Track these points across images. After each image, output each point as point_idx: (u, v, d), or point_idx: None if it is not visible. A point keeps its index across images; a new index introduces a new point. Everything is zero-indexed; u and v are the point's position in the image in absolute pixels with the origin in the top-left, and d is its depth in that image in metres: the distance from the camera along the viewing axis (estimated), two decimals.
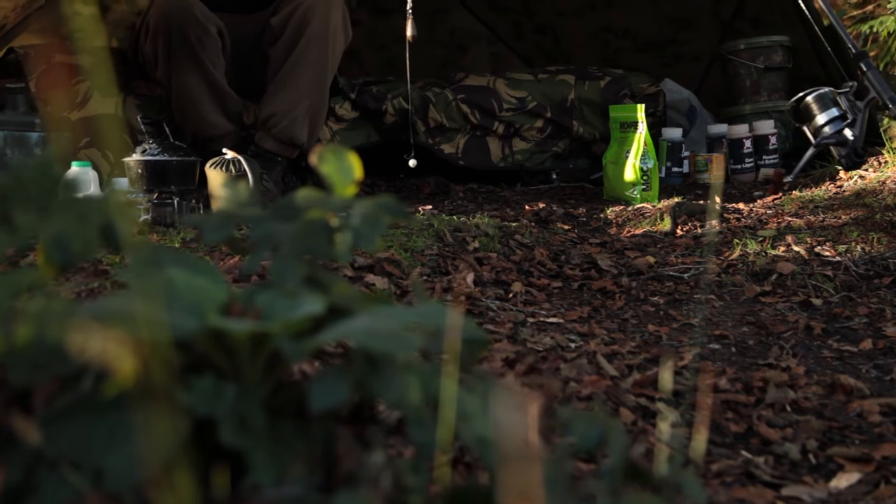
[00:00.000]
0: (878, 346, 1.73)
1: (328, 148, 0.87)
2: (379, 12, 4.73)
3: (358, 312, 0.72)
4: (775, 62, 3.70)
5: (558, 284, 2.08)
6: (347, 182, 0.86)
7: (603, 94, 3.57)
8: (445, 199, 3.26)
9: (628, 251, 2.33)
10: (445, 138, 3.49)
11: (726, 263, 2.20)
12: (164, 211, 2.34)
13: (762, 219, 2.61)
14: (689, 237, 2.47)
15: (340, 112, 3.36)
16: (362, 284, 1.87)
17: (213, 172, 2.51)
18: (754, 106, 3.69)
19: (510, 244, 2.28)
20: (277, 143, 2.90)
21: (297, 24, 2.86)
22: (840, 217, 2.53)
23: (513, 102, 3.53)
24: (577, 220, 2.74)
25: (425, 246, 2.14)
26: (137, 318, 0.55)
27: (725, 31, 4.11)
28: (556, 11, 4.60)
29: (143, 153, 2.42)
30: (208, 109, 2.88)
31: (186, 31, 2.78)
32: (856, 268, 2.10)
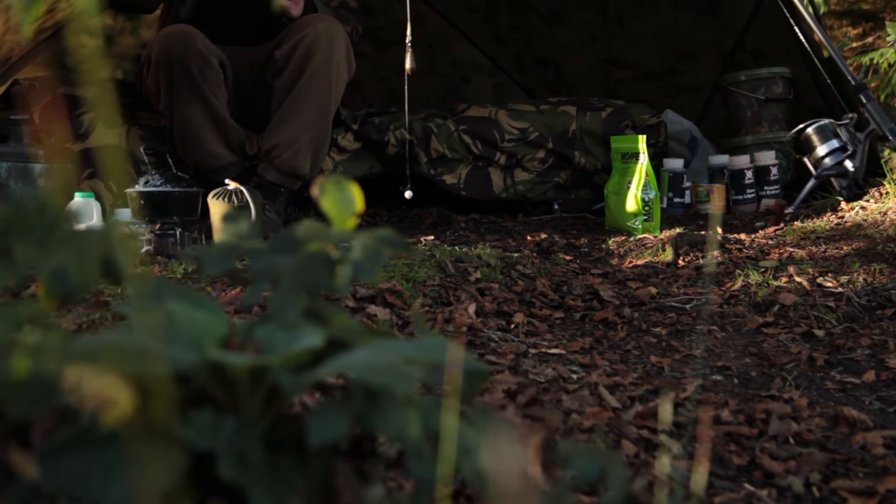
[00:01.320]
0: (881, 378, 1.72)
1: (329, 180, 0.87)
2: (381, 44, 4.77)
3: (358, 345, 0.72)
4: (776, 94, 3.71)
5: (560, 315, 2.08)
6: (348, 214, 0.87)
7: (604, 125, 3.59)
8: (447, 229, 3.26)
9: (630, 282, 2.33)
10: (447, 169, 3.50)
11: (728, 294, 2.19)
12: (166, 241, 2.34)
13: (764, 249, 2.61)
14: (691, 268, 2.47)
15: (343, 143, 3.37)
16: (364, 315, 1.86)
17: (215, 203, 2.51)
18: (755, 137, 3.70)
19: (512, 275, 2.28)
20: (280, 174, 2.91)
21: (301, 57, 2.88)
22: (842, 248, 2.53)
23: (515, 133, 3.54)
24: (579, 251, 2.74)
25: (427, 276, 2.14)
26: (136, 352, 0.55)
27: (726, 62, 4.13)
28: (558, 43, 4.63)
29: (145, 184, 2.43)
30: (210, 140, 2.89)
31: (188, 64, 2.80)
32: (858, 299, 2.10)
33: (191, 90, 2.82)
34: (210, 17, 3.05)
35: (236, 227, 0.84)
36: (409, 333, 1.85)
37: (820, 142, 2.99)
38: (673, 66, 4.36)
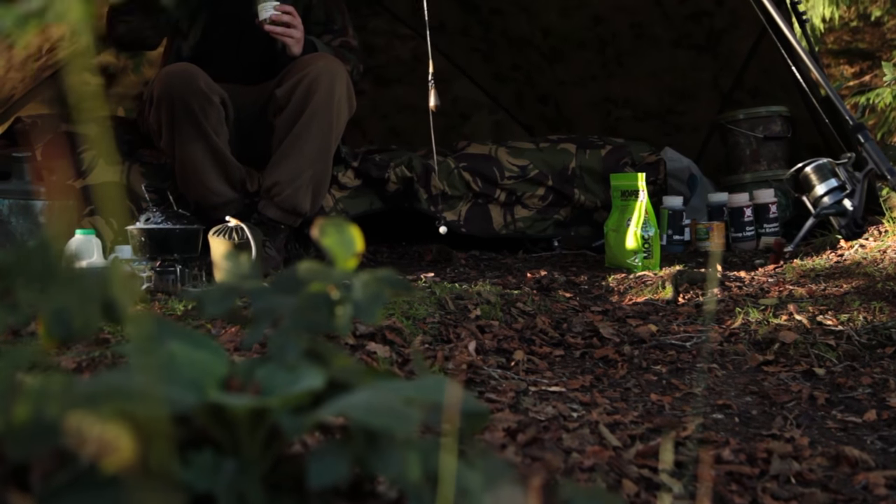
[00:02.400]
0: (882, 417, 1.72)
1: (330, 221, 0.88)
2: (382, 82, 4.80)
3: (358, 386, 0.72)
4: (774, 132, 3.73)
5: (560, 353, 2.08)
6: (349, 254, 0.87)
7: (604, 163, 3.60)
8: (447, 266, 3.26)
9: (630, 319, 2.33)
10: (448, 206, 3.51)
11: (728, 332, 2.19)
12: (167, 279, 2.35)
13: (764, 287, 2.61)
14: (691, 305, 2.47)
15: (343, 180, 3.38)
16: (364, 353, 1.86)
17: (215, 240, 2.52)
18: (754, 175, 3.72)
19: (512, 312, 2.28)
20: (280, 212, 2.92)
21: (302, 95, 2.89)
22: (841, 286, 2.53)
23: (514, 170, 3.56)
24: (579, 288, 2.74)
25: (427, 314, 2.14)
26: (137, 394, 0.55)
27: (725, 101, 4.16)
28: (558, 81, 4.67)
29: (146, 221, 2.43)
30: (211, 177, 2.90)
31: (190, 102, 2.82)
32: (858, 337, 2.09)
33: (192, 128, 2.84)
34: (212, 56, 3.07)
35: (236, 267, 0.84)
36: (408, 371, 1.84)
37: (819, 181, 3.00)
38: (672, 105, 4.39)
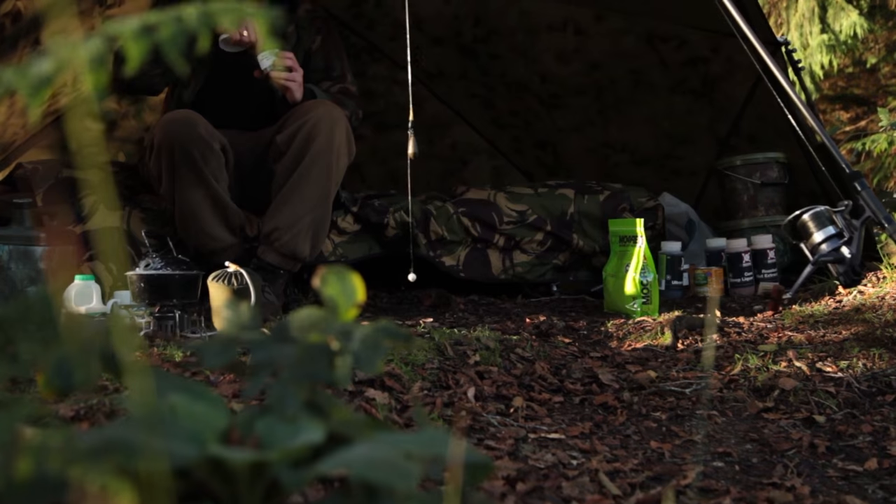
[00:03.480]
0: (883, 466, 1.71)
1: (332, 270, 0.88)
2: (381, 127, 4.83)
3: (358, 439, 0.72)
4: (771, 178, 3.75)
5: (559, 399, 2.07)
6: (350, 304, 0.87)
7: (602, 208, 3.62)
8: (446, 311, 3.26)
9: (629, 365, 2.32)
10: (447, 251, 3.52)
11: (728, 378, 2.18)
12: (166, 324, 2.35)
13: (762, 333, 2.61)
14: (690, 351, 2.46)
15: (343, 225, 3.39)
16: (362, 399, 1.86)
17: (214, 286, 2.52)
18: (752, 220, 3.73)
19: (511, 358, 2.27)
20: (280, 257, 2.92)
21: (303, 142, 2.91)
22: (840, 332, 2.53)
23: (513, 216, 3.57)
24: (578, 334, 2.73)
25: (426, 359, 2.14)
26: (138, 448, 0.55)
27: (722, 146, 4.18)
28: (556, 127, 4.70)
29: (145, 267, 2.44)
30: (211, 223, 2.91)
31: (190, 148, 2.84)
32: (858, 384, 2.09)
33: (192, 174, 2.85)
34: (213, 102, 3.09)
35: (237, 318, 0.84)
36: (407, 418, 1.84)
37: (816, 228, 3.01)
38: (669, 150, 4.42)
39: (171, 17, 0.80)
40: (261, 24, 0.83)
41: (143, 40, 0.78)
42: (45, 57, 0.77)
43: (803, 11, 6.86)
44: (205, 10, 0.82)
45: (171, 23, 0.79)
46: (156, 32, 0.79)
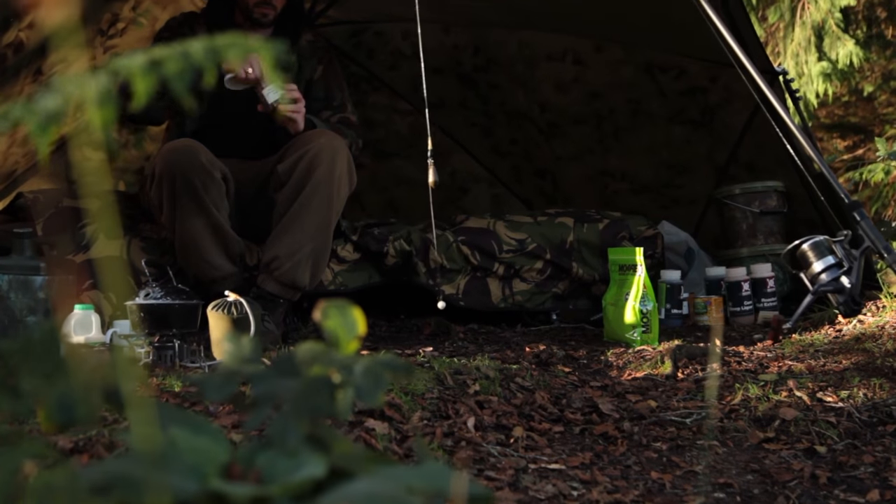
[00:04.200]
0: (885, 497, 1.70)
1: (332, 303, 0.88)
2: (381, 156, 4.85)
3: (359, 473, 0.72)
4: (770, 207, 3.76)
5: (560, 429, 2.07)
6: (351, 337, 0.87)
7: (602, 237, 3.62)
8: (446, 340, 3.26)
9: (630, 394, 2.32)
10: (446, 279, 3.52)
11: (728, 408, 2.18)
12: (165, 354, 2.34)
13: (763, 362, 2.61)
14: (691, 381, 2.46)
15: (342, 253, 3.40)
16: (362, 429, 1.85)
17: (214, 315, 2.52)
18: (751, 249, 3.73)
19: (511, 387, 2.27)
20: (279, 286, 2.92)
21: (304, 171, 2.93)
22: (841, 362, 2.52)
23: (513, 244, 3.57)
24: (578, 363, 2.73)
25: (426, 389, 2.13)
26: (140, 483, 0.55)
27: (721, 175, 4.20)
28: (555, 156, 4.72)
29: (145, 296, 2.44)
30: (211, 252, 2.92)
31: (191, 178, 2.85)
32: (859, 414, 2.09)
33: (193, 203, 2.86)
34: (214, 132, 3.11)
35: (238, 351, 0.84)
36: (407, 448, 1.83)
37: (816, 258, 3.01)
38: (668, 179, 4.43)
39: (178, 52, 0.81)
40: (266, 59, 0.83)
41: (150, 76, 0.78)
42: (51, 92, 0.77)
43: (800, 40, 6.91)
44: (211, 45, 0.82)
45: (177, 58, 0.80)
46: (162, 67, 0.79)
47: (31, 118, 0.68)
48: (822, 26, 6.84)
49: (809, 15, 6.88)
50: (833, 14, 6.78)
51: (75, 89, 0.75)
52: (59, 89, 0.77)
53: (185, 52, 0.81)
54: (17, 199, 3.23)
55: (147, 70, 0.78)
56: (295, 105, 2.99)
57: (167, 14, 3.86)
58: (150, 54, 0.80)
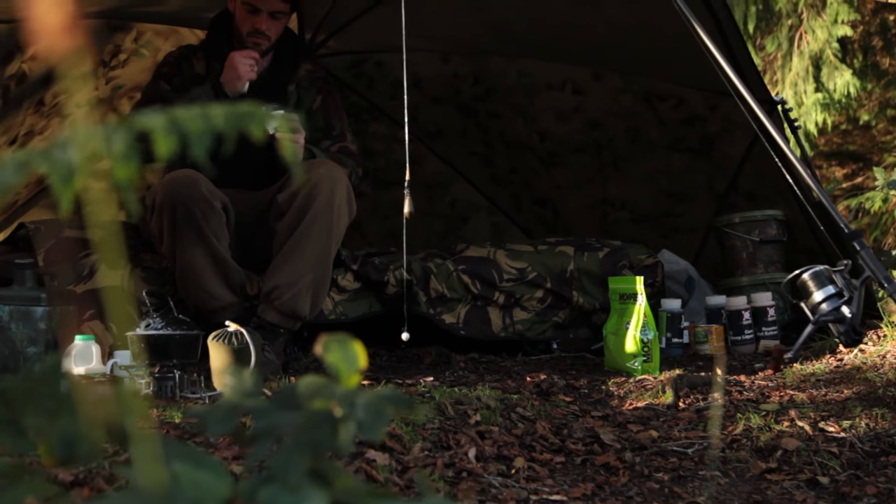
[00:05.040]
0: None
1: (333, 337, 0.88)
2: (381, 185, 4.86)
3: None
4: (770, 235, 3.76)
5: (561, 459, 2.06)
6: (352, 371, 0.87)
7: (602, 265, 3.62)
8: (446, 369, 3.25)
9: (631, 424, 2.31)
10: (446, 308, 3.52)
11: (730, 438, 2.17)
12: (166, 385, 2.34)
13: (764, 392, 2.60)
14: (692, 410, 2.45)
15: (343, 283, 3.40)
16: (363, 461, 1.85)
17: (215, 346, 2.52)
18: (751, 278, 3.73)
19: (512, 417, 2.26)
20: (280, 315, 2.92)
21: (304, 201, 2.93)
22: (842, 391, 2.52)
23: (513, 273, 3.57)
24: (579, 392, 2.72)
25: (427, 419, 2.13)
26: None
27: (720, 203, 4.20)
28: (555, 184, 4.73)
29: (146, 327, 2.44)
30: (211, 281, 2.92)
31: (192, 208, 2.85)
32: (861, 445, 2.08)
33: (194, 233, 2.87)
34: (214, 162, 3.11)
35: (239, 385, 0.84)
36: (408, 479, 1.83)
37: (816, 287, 3.02)
38: (668, 207, 4.44)
39: (198, 113, 0.82)
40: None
41: (172, 136, 0.79)
42: (70, 144, 0.78)
43: (797, 70, 6.95)
44: (233, 111, 0.83)
45: (198, 119, 0.81)
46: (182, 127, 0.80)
47: (54, 173, 0.69)
48: (819, 56, 6.89)
49: (807, 45, 6.93)
50: (830, 44, 6.83)
51: (98, 143, 0.75)
52: (81, 142, 0.77)
53: (206, 114, 0.82)
54: (18, 230, 3.24)
55: (169, 130, 0.79)
56: (293, 135, 3.00)
57: (169, 45, 3.89)
58: (169, 115, 0.81)
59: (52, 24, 0.77)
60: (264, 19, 3.15)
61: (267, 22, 3.15)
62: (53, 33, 0.81)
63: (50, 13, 0.77)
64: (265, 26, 3.15)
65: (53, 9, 0.77)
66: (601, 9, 3.84)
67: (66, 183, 0.70)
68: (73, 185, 0.71)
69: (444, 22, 4.11)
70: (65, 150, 0.73)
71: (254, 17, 3.14)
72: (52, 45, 0.81)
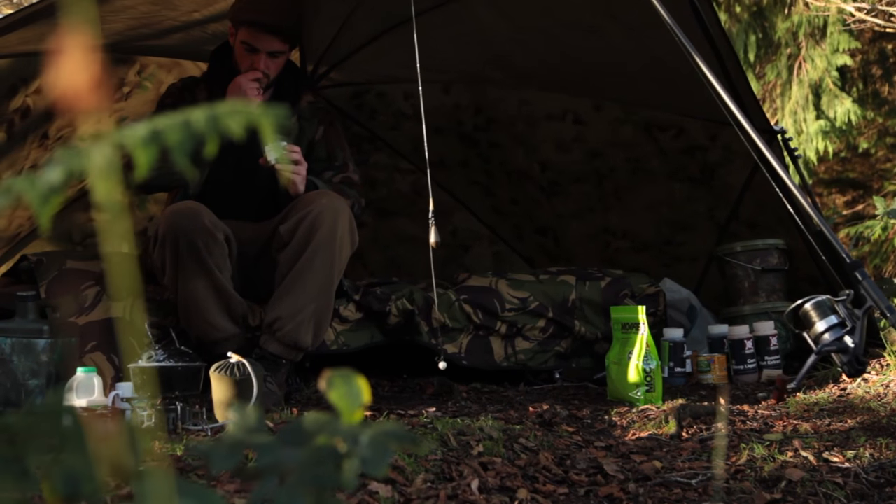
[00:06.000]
0: None
1: (337, 373, 0.89)
2: (383, 215, 4.88)
3: None
4: (772, 264, 3.77)
5: (564, 490, 2.05)
6: (356, 407, 0.87)
7: (604, 295, 3.62)
8: (449, 399, 3.24)
9: (634, 455, 2.30)
10: (449, 338, 3.52)
11: (734, 469, 2.16)
12: (168, 416, 2.33)
13: (768, 422, 2.60)
14: (696, 440, 2.44)
15: (345, 313, 3.40)
16: (365, 493, 1.84)
17: (217, 378, 2.51)
18: (753, 307, 3.73)
19: (515, 448, 2.26)
20: (282, 347, 2.92)
21: (306, 232, 2.94)
22: (846, 421, 2.51)
23: (515, 303, 3.58)
24: (582, 422, 2.71)
25: (429, 450, 2.12)
26: None
27: (721, 232, 4.21)
28: (556, 214, 4.74)
29: (148, 359, 2.44)
30: (213, 313, 2.92)
31: (194, 239, 2.86)
32: (866, 475, 2.07)
33: (196, 264, 2.87)
34: (217, 194, 3.13)
35: (243, 421, 0.84)
36: None
37: (818, 317, 3.01)
38: (670, 236, 4.45)
39: (179, 121, 0.82)
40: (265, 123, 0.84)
41: (152, 147, 0.79)
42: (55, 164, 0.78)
43: (797, 99, 6.98)
44: (213, 114, 0.84)
45: (178, 128, 0.81)
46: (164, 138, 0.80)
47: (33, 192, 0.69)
48: (819, 84, 6.92)
49: (807, 73, 6.97)
50: (830, 72, 6.86)
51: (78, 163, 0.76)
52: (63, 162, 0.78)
53: (187, 121, 0.82)
54: (20, 262, 3.25)
55: (148, 141, 0.79)
56: (294, 167, 3.02)
57: (172, 78, 3.91)
58: (151, 125, 0.81)
59: (76, 87, 0.78)
60: (262, 58, 3.16)
61: (265, 61, 3.17)
62: (78, 95, 0.81)
63: (74, 76, 0.78)
64: (263, 65, 3.16)
65: (77, 72, 0.78)
66: (602, 40, 3.87)
67: (44, 202, 0.70)
68: (51, 203, 0.72)
69: (447, 53, 4.14)
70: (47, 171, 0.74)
71: (252, 56, 3.16)
72: (77, 107, 0.82)
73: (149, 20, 3.43)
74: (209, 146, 0.82)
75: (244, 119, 0.84)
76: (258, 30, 3.14)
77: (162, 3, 3.32)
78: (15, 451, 0.61)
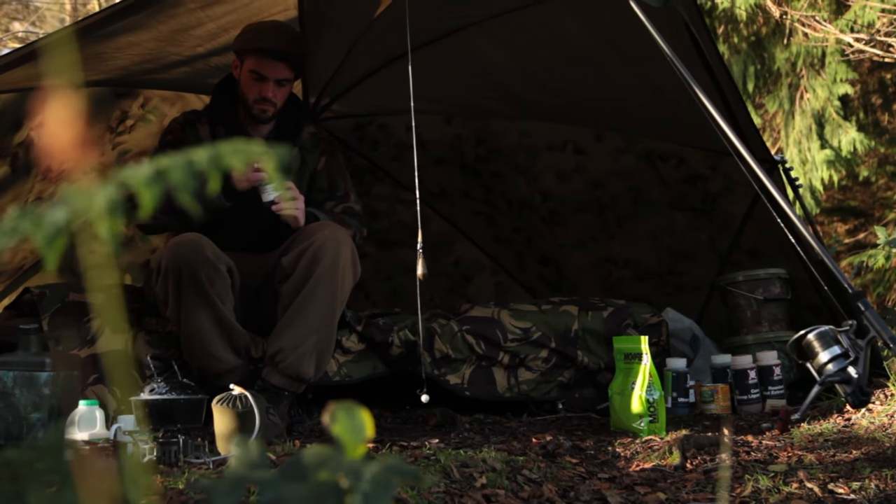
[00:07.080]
0: None
1: (340, 407, 0.88)
2: (385, 245, 4.88)
3: None
4: (774, 294, 3.76)
5: None
6: (359, 441, 0.87)
7: (606, 325, 3.62)
8: (452, 430, 3.23)
9: (638, 487, 2.29)
10: (451, 369, 3.51)
11: (739, 500, 2.15)
12: (170, 449, 2.33)
13: (772, 452, 2.58)
14: (700, 471, 2.43)
15: (347, 344, 3.39)
16: None
17: (219, 410, 2.51)
18: (756, 336, 3.72)
19: (518, 480, 2.24)
20: (284, 378, 2.92)
21: (308, 263, 2.95)
22: (851, 452, 2.50)
23: (517, 333, 3.57)
24: (585, 453, 2.70)
25: (432, 483, 2.11)
26: None
27: (723, 262, 4.21)
28: (558, 244, 4.74)
29: (150, 392, 2.43)
30: (216, 345, 2.92)
31: (197, 271, 2.87)
32: None
33: (198, 296, 2.88)
34: (219, 226, 3.14)
35: (246, 457, 0.84)
36: None
37: (822, 348, 3.01)
38: (671, 265, 4.45)
39: (182, 161, 0.83)
40: (268, 163, 0.85)
41: (155, 186, 0.80)
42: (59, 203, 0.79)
43: (801, 128, 7.00)
44: (215, 153, 0.84)
45: (181, 167, 0.82)
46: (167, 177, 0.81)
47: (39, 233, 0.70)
48: (822, 114, 6.95)
49: (808, 103, 6.99)
50: (832, 102, 6.89)
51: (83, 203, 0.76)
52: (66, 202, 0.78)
53: (189, 161, 0.83)
54: (23, 295, 3.25)
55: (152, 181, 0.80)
56: (293, 202, 3.04)
57: (175, 110, 3.93)
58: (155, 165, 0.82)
59: (63, 143, 0.78)
60: (271, 87, 3.19)
61: (273, 89, 3.20)
62: (65, 151, 0.82)
63: (61, 133, 0.78)
64: (271, 94, 3.19)
65: (63, 129, 0.79)
66: (602, 71, 3.89)
67: (51, 243, 0.71)
68: (57, 245, 0.72)
69: (448, 85, 4.17)
70: (52, 210, 0.74)
71: (261, 85, 3.19)
72: (64, 162, 0.83)
73: (153, 56, 3.45)
74: (211, 183, 0.82)
75: (246, 157, 0.85)
76: (267, 57, 3.17)
77: (166, 40, 3.34)
78: (16, 487, 0.61)
